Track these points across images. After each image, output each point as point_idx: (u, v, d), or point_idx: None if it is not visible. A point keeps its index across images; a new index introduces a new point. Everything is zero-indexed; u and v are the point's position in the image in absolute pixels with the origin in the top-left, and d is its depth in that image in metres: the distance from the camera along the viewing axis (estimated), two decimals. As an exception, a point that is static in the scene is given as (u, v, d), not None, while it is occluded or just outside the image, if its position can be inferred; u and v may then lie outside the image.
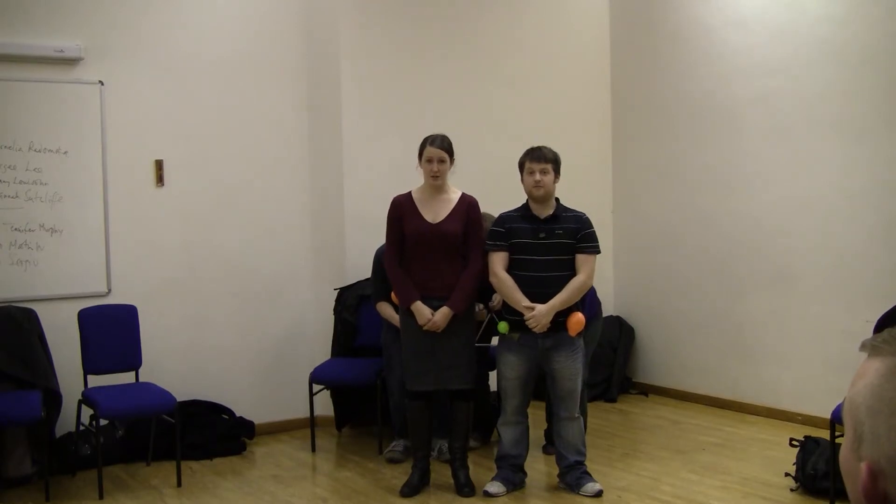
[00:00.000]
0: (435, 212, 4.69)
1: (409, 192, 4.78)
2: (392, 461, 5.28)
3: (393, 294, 4.99)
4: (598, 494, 4.57)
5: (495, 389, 5.62)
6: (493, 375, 5.26)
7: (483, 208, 4.85)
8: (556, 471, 4.79)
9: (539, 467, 5.15)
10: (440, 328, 4.60)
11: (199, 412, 5.59)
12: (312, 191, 6.19)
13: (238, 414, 5.76)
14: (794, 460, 4.65)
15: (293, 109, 6.13)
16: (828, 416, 4.43)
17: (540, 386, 5.11)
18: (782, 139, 5.96)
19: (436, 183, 4.69)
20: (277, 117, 6.09)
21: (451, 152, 4.73)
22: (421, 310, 4.61)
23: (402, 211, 4.71)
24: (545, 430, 5.42)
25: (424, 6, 6.43)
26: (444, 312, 4.59)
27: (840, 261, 5.65)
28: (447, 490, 4.74)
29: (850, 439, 1.02)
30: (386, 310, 5.29)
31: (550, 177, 4.59)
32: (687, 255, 6.66)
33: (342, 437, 5.95)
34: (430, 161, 4.67)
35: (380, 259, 5.24)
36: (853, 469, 1.00)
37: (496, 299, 4.99)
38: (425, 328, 4.60)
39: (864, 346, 1.05)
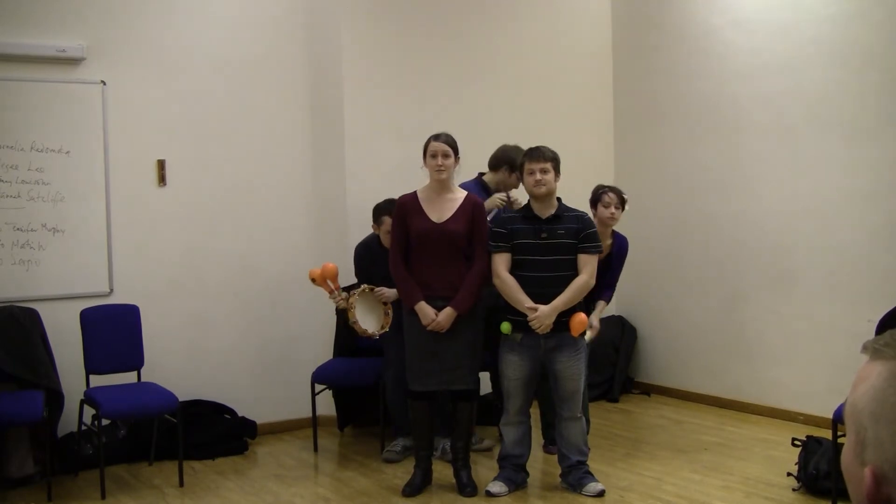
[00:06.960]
0: (440, 212, 4.68)
1: (415, 192, 4.77)
2: (388, 461, 5.29)
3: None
4: (601, 494, 4.56)
5: (489, 391, 5.64)
6: (485, 376, 5.28)
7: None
8: (557, 470, 4.79)
9: (541, 467, 5.14)
10: (444, 329, 4.59)
11: (202, 412, 5.59)
12: (315, 190, 6.19)
13: (240, 414, 5.76)
14: (797, 460, 4.66)
15: (295, 110, 6.13)
16: (830, 415, 4.42)
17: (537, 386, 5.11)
18: (785, 139, 5.95)
19: (441, 177, 4.64)
20: (280, 117, 6.08)
21: (455, 149, 4.72)
22: (425, 310, 4.60)
23: (407, 210, 4.70)
24: (542, 430, 5.42)
25: (427, 7, 6.42)
26: (447, 313, 4.59)
27: (842, 261, 5.65)
28: (449, 490, 4.74)
29: (853, 444, 1.01)
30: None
31: (551, 175, 4.58)
32: (689, 255, 6.65)
33: (344, 437, 5.95)
34: (434, 156, 4.65)
35: (359, 255, 5.41)
36: (857, 474, 0.99)
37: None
38: (429, 329, 4.60)
39: (865, 349, 1.03)
